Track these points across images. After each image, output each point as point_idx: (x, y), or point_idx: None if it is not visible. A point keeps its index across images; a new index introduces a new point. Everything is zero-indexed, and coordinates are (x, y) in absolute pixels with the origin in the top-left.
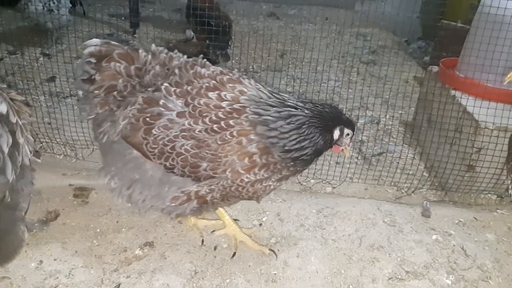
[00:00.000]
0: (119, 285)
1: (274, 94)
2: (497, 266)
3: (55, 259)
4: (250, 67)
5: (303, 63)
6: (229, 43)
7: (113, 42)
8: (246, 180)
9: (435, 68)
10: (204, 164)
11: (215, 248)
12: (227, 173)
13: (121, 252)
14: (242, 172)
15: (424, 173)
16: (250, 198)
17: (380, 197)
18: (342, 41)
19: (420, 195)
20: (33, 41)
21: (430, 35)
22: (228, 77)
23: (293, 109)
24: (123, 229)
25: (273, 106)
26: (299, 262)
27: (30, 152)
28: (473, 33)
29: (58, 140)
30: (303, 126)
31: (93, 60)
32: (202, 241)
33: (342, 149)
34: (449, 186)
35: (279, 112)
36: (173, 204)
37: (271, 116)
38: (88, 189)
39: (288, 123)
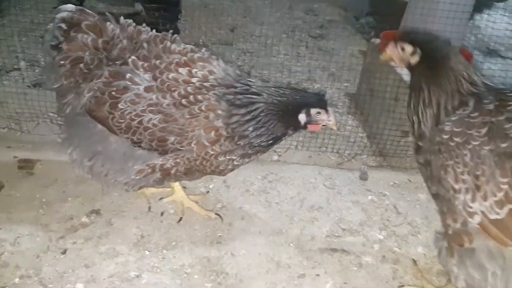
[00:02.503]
0: (65, 250)
1: (241, 79)
2: (426, 222)
3: (0, 229)
4: (200, 40)
5: (253, 37)
6: (179, 17)
7: (87, 10)
8: (211, 152)
9: (378, 41)
10: (172, 138)
11: (162, 214)
12: (192, 145)
13: (67, 220)
14: (207, 144)
15: (366, 141)
16: (213, 172)
17: (323, 164)
18: (292, 16)
19: (361, 161)
20: None
21: (377, 10)
22: (198, 55)
23: (254, 96)
24: (70, 199)
25: (238, 93)
26: (243, 224)
27: None
28: (410, 6)
29: (1, 113)
30: (261, 114)
31: (64, 26)
32: (149, 207)
33: (325, 125)
34: (387, 151)
35: (241, 99)
36: (137, 177)
37: (234, 105)
38: (33, 161)
39: (249, 112)
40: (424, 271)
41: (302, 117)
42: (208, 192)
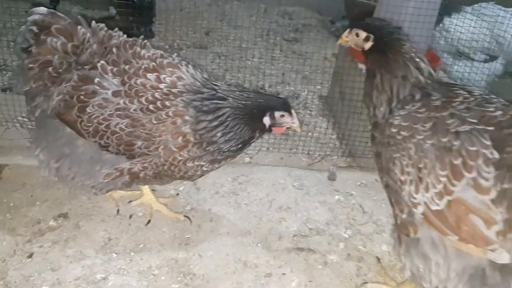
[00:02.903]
0: (31, 254)
1: (207, 84)
2: (391, 221)
3: None
4: (175, 44)
5: (228, 41)
6: (153, 20)
7: (59, 14)
8: (179, 158)
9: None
10: (139, 143)
11: (130, 216)
12: (160, 150)
13: (34, 224)
14: (175, 150)
15: (336, 142)
16: (182, 177)
17: (294, 165)
18: (268, 20)
19: (331, 162)
20: None
21: (352, 14)
22: (168, 61)
23: (221, 101)
24: (37, 203)
25: (205, 99)
26: (211, 226)
27: None
28: (378, 10)
29: None
30: (228, 119)
31: (35, 29)
32: (118, 210)
33: (289, 128)
34: (355, 152)
35: (208, 105)
36: (105, 181)
37: (202, 111)
38: (1, 166)
39: (216, 118)
40: (388, 268)
41: (266, 120)
42: (178, 194)
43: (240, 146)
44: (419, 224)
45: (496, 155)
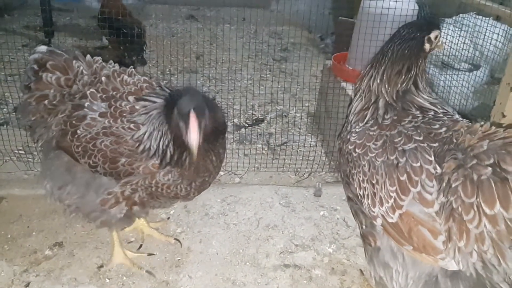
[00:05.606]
0: (28, 283)
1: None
2: None
3: None
4: (167, 70)
5: (219, 63)
6: (144, 48)
7: (57, 51)
8: (161, 181)
9: (330, 62)
10: (123, 159)
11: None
12: (140, 169)
13: (31, 254)
14: (153, 169)
15: (324, 158)
16: (176, 197)
17: (284, 183)
18: (257, 40)
19: (319, 178)
20: None
21: (340, 30)
22: (147, 84)
23: (150, 107)
24: (34, 233)
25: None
26: (201, 247)
27: None
28: (357, 31)
29: None
30: (155, 121)
31: (36, 67)
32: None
33: None
34: None
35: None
36: (103, 208)
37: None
38: None
39: (152, 126)
40: (370, 280)
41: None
42: (168, 218)
43: (180, 149)
44: (379, 234)
45: (438, 169)
